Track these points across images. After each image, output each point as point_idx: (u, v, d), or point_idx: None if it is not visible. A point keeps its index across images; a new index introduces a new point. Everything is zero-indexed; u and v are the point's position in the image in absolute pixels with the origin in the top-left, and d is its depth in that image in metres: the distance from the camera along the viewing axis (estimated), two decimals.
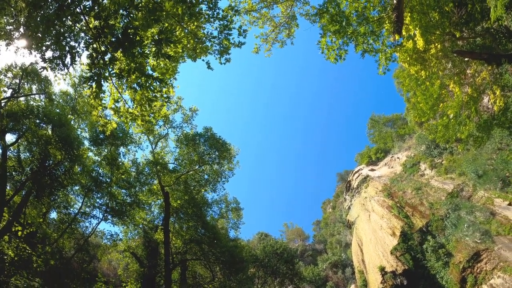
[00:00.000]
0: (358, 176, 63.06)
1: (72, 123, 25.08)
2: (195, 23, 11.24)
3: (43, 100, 24.07)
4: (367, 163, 67.73)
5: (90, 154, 26.25)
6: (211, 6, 10.98)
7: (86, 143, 25.93)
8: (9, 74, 22.51)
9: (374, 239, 41.02)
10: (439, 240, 32.84)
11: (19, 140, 22.70)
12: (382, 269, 36.11)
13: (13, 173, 23.02)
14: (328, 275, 59.74)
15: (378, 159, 65.75)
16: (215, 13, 11.11)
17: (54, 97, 24.85)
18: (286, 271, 40.19)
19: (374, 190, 50.42)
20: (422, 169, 45.16)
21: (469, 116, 18.54)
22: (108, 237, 28.47)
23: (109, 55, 8.64)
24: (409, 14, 16.19)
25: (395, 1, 13.86)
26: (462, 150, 31.28)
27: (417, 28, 16.73)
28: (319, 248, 78.93)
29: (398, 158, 56.31)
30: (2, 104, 21.56)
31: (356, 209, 54.88)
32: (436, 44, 17.88)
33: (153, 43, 9.18)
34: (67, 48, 8.52)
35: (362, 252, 44.95)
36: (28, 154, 23.72)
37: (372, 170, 61.10)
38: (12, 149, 23.09)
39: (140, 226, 29.58)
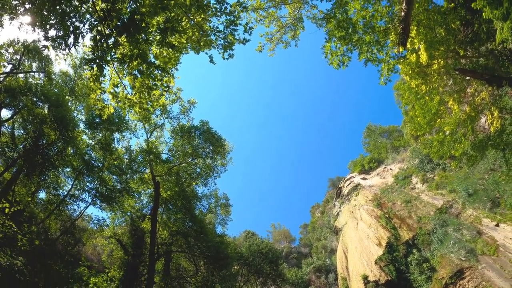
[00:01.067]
0: (350, 183, 63.27)
1: (69, 104, 24.92)
2: (202, 16, 11.20)
3: (42, 78, 23.91)
4: (359, 171, 67.92)
5: (84, 137, 26.07)
6: (220, 0, 10.96)
7: (82, 125, 25.76)
8: (10, 49, 22.34)
9: (359, 247, 41.22)
10: (424, 254, 33.08)
11: (15, 117, 22.54)
12: (365, 278, 36.33)
13: (6, 149, 22.85)
14: (311, 279, 59.95)
15: (371, 169, 65.97)
16: (222, 7, 11.08)
17: (53, 76, 24.70)
18: (270, 271, 40.34)
19: (364, 199, 50.65)
20: (414, 182, 45.39)
21: (465, 134, 18.66)
22: (95, 221, 28.32)
23: (113, 39, 8.59)
24: (416, 27, 16.21)
25: (402, 14, 13.88)
26: (455, 167, 31.46)
27: (422, 42, 16.76)
28: (304, 251, 79.21)
29: (390, 169, 56.58)
30: (1, 79, 21.38)
31: (345, 216, 55.11)
32: (439, 60, 17.96)
33: (158, 31, 9.14)
34: (71, 28, 8.47)
35: (347, 259, 45.17)
36: (22, 131, 23.56)
37: (364, 178, 61.33)
38: (6, 125, 22.93)
39: (128, 213, 29.45)
